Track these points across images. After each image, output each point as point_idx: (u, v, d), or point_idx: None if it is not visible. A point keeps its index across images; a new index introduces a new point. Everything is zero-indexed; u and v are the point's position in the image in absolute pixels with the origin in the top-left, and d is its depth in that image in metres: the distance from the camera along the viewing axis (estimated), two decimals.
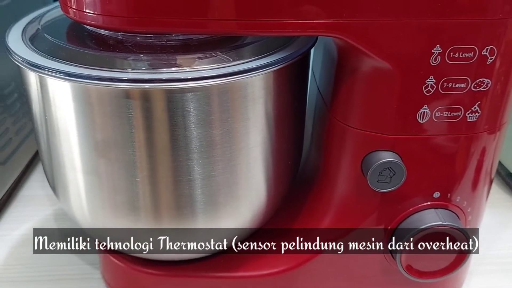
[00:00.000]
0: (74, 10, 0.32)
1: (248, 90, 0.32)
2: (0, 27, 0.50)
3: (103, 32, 0.34)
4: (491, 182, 0.38)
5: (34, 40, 0.34)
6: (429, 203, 0.36)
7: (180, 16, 0.29)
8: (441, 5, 0.29)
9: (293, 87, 0.35)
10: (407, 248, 0.36)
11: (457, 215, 0.37)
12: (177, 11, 0.29)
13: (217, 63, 0.31)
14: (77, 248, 0.46)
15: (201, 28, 0.30)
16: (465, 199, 0.37)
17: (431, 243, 0.36)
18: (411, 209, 0.36)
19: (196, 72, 0.30)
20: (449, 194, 0.36)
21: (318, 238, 0.39)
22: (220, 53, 0.32)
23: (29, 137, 0.57)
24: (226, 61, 0.31)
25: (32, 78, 0.33)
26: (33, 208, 0.54)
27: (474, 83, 0.32)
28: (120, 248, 0.39)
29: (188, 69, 0.31)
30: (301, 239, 0.39)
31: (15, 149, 0.54)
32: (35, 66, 0.31)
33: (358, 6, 0.29)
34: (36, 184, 0.58)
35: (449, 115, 0.33)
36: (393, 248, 0.37)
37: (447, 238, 0.36)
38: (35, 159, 0.61)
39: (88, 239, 0.48)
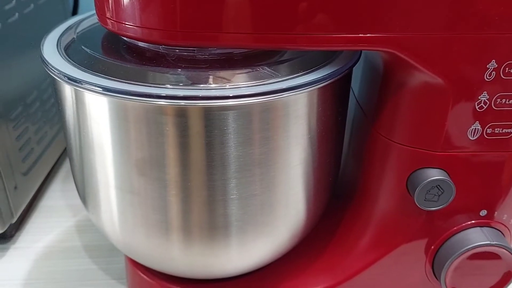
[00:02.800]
0: (113, 22, 0.31)
1: (291, 108, 0.30)
2: (23, 34, 0.49)
3: (141, 44, 0.32)
4: None
5: (70, 51, 0.33)
6: (473, 221, 0.35)
7: (234, 30, 0.28)
8: (498, 19, 0.28)
9: (336, 103, 0.33)
10: (452, 269, 0.34)
11: (502, 233, 0.36)
12: (229, 24, 0.28)
13: (260, 79, 0.30)
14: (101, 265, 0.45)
15: (250, 42, 0.29)
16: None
17: (476, 263, 0.34)
18: (455, 228, 0.35)
19: (236, 89, 0.29)
20: (496, 212, 0.35)
21: (355, 258, 0.38)
22: (265, 68, 0.30)
23: (50, 146, 0.56)
24: (270, 76, 0.30)
25: (68, 91, 0.32)
26: (54, 219, 0.52)
27: None
28: (150, 265, 0.38)
29: (228, 85, 0.29)
30: (337, 259, 0.38)
31: (36, 159, 0.53)
32: (71, 80, 0.30)
33: (411, 20, 0.28)
34: (56, 194, 0.56)
35: (500, 131, 0.32)
36: (437, 268, 0.35)
37: (493, 257, 0.34)
38: (54, 169, 0.60)
39: (113, 253, 0.48)
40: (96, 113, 0.31)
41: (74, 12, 0.65)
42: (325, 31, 0.28)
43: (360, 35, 0.28)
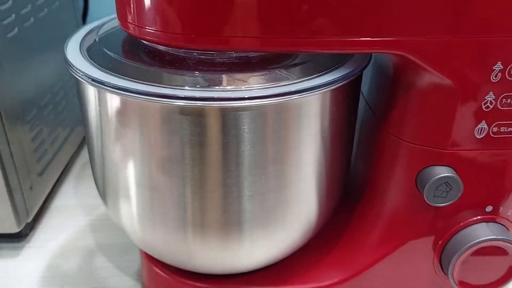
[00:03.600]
0: (134, 26, 0.32)
1: (304, 109, 0.32)
2: (37, 38, 0.50)
3: (162, 47, 0.34)
4: None
5: (92, 53, 0.34)
6: (479, 217, 0.36)
7: (243, 34, 0.29)
8: (503, 23, 0.29)
9: (347, 104, 0.35)
10: (459, 263, 0.36)
11: (507, 228, 0.37)
12: (247, 29, 0.29)
13: (275, 81, 0.31)
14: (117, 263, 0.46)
15: (267, 46, 0.30)
16: None
17: (482, 257, 0.36)
18: (462, 223, 0.36)
19: (251, 91, 0.30)
20: (501, 208, 0.36)
21: (366, 253, 0.39)
22: (280, 71, 0.32)
23: (62, 147, 0.57)
24: (285, 78, 0.31)
25: (91, 92, 0.33)
26: (67, 218, 0.54)
27: None
28: (167, 259, 0.39)
29: (243, 87, 0.31)
30: (348, 254, 0.39)
31: (50, 160, 0.54)
32: (95, 81, 0.31)
33: (422, 24, 0.29)
34: (69, 194, 0.58)
35: (506, 130, 0.33)
36: (445, 263, 0.37)
37: (499, 251, 0.36)
38: (66, 170, 0.61)
39: (127, 251, 0.49)
40: (118, 113, 0.32)
41: (84, 16, 0.66)
42: (338, 35, 0.29)
43: (371, 38, 0.29)
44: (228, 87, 0.31)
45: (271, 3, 0.28)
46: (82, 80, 0.32)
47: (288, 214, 0.35)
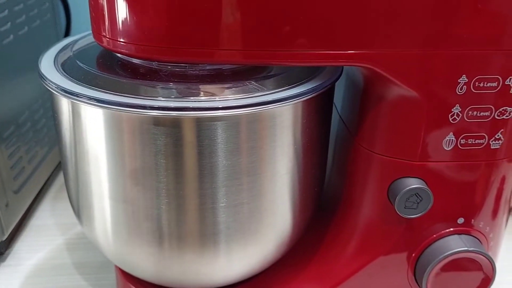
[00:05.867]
0: (108, 39, 0.32)
1: (277, 119, 0.32)
2: (17, 56, 0.51)
3: (135, 60, 0.34)
4: (510, 209, 0.39)
5: (66, 67, 0.34)
6: (451, 229, 0.37)
7: (223, 47, 0.30)
8: (467, 37, 0.30)
9: (320, 115, 0.35)
10: (433, 275, 0.36)
11: (479, 240, 0.37)
12: (219, 42, 0.30)
13: (248, 93, 0.31)
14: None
15: (239, 58, 0.31)
16: (488, 224, 0.37)
17: (456, 269, 0.36)
18: (434, 235, 0.37)
19: (226, 101, 0.31)
20: (473, 220, 0.36)
21: (341, 266, 0.39)
22: (252, 83, 0.32)
23: (40, 166, 0.57)
24: (257, 90, 0.32)
25: (65, 104, 0.33)
26: (44, 238, 0.53)
27: (497, 111, 0.33)
28: (142, 275, 0.39)
29: (217, 98, 0.31)
30: (325, 267, 0.39)
31: (27, 178, 0.53)
32: (68, 93, 0.31)
33: (388, 37, 0.30)
34: (45, 213, 0.57)
35: (473, 142, 0.34)
36: (419, 275, 0.37)
37: (472, 263, 0.36)
38: (44, 188, 0.60)
39: (103, 270, 0.48)
40: (92, 125, 0.32)
41: (67, 34, 0.67)
42: (307, 48, 0.30)
43: (339, 51, 0.30)
44: (203, 98, 0.32)
45: (245, 18, 0.29)
46: (54, 92, 0.32)
47: (262, 226, 0.36)
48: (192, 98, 0.31)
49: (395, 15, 0.29)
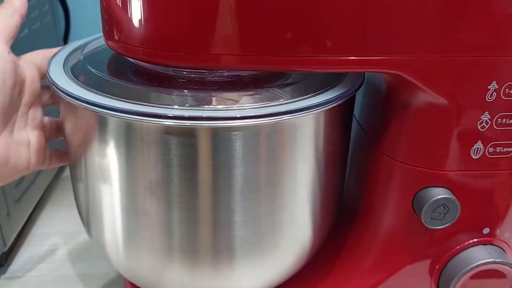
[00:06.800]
0: (121, 43, 0.31)
1: (298, 130, 0.31)
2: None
3: (151, 66, 0.33)
4: None
5: (76, 72, 0.33)
6: (476, 239, 0.36)
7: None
8: (499, 42, 0.29)
9: (342, 125, 0.34)
10: (458, 287, 0.35)
11: (504, 250, 0.36)
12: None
13: (268, 101, 0.30)
14: None
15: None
16: None
17: (481, 280, 0.35)
18: (458, 246, 0.36)
19: (243, 110, 0.29)
20: (498, 230, 0.35)
21: (360, 279, 0.38)
22: (273, 90, 0.31)
23: (40, 173, 0.55)
24: (278, 98, 0.30)
25: (76, 112, 0.31)
26: (46, 247, 0.51)
27: None
28: None
29: (235, 107, 0.30)
30: (342, 281, 0.38)
31: (28, 186, 0.51)
32: (80, 100, 0.30)
33: (418, 43, 0.29)
34: (46, 222, 0.55)
35: (502, 150, 0.32)
36: (443, 287, 0.36)
37: (497, 274, 0.35)
38: (44, 196, 0.58)
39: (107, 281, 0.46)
40: (104, 133, 0.31)
41: (66, 37, 0.65)
42: (337, 54, 0.29)
43: (369, 58, 0.29)
44: (219, 106, 0.30)
45: (259, 22, 0.28)
46: (65, 99, 0.30)
47: (281, 240, 0.34)
48: (208, 106, 0.29)
49: (426, 21, 0.28)
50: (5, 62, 0.32)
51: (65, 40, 0.65)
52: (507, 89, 0.31)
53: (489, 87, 0.30)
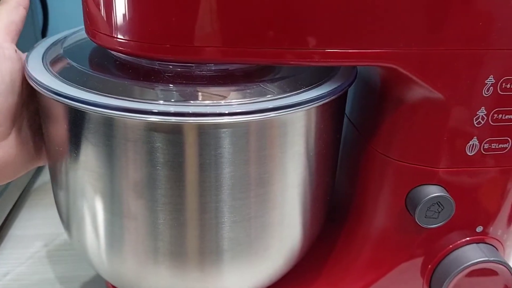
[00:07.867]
0: (104, 35, 0.29)
1: (289, 126, 0.29)
2: None
3: (135, 60, 0.31)
4: None
5: (56, 66, 0.31)
6: (468, 238, 0.35)
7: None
8: (496, 35, 0.28)
9: (334, 121, 0.33)
10: (451, 286, 0.34)
11: (497, 248, 0.36)
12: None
13: (259, 96, 0.28)
14: None
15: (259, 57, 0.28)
16: (505, 232, 0.35)
17: (474, 279, 0.34)
18: (451, 245, 0.35)
19: (232, 106, 0.27)
20: (492, 228, 0.35)
21: (352, 279, 0.37)
22: (264, 85, 0.29)
23: None
24: (269, 93, 0.29)
25: (55, 108, 0.30)
26: (24, 249, 0.49)
27: None
28: None
29: (223, 102, 0.28)
30: (334, 281, 0.37)
31: (5, 186, 0.49)
32: (59, 95, 0.28)
33: (414, 36, 0.28)
34: (25, 223, 0.53)
35: (497, 147, 0.32)
36: (436, 287, 0.35)
37: (491, 273, 0.34)
38: (22, 197, 0.56)
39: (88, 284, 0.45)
40: (85, 131, 0.29)
41: (44, 32, 0.63)
42: (332, 47, 0.28)
43: (365, 50, 0.28)
44: (207, 102, 0.28)
45: (245, 13, 0.26)
46: (44, 94, 0.29)
47: (271, 240, 0.33)
48: (194, 102, 0.28)
49: (420, 13, 0.27)
50: (14, 62, 0.31)
51: (43, 35, 0.63)
52: (504, 84, 0.30)
53: (486, 82, 0.30)
